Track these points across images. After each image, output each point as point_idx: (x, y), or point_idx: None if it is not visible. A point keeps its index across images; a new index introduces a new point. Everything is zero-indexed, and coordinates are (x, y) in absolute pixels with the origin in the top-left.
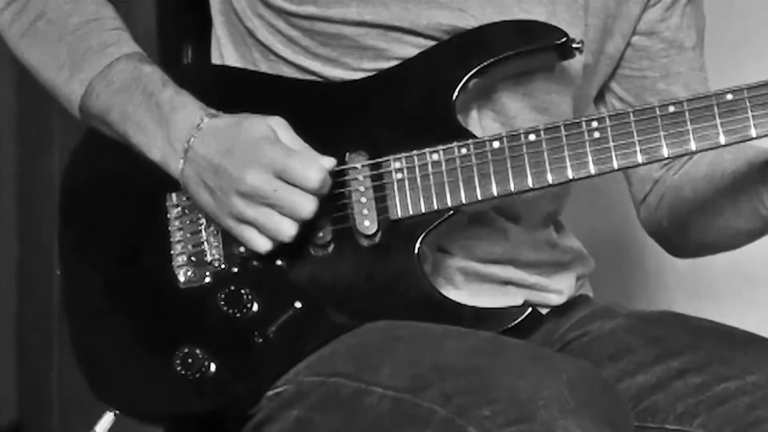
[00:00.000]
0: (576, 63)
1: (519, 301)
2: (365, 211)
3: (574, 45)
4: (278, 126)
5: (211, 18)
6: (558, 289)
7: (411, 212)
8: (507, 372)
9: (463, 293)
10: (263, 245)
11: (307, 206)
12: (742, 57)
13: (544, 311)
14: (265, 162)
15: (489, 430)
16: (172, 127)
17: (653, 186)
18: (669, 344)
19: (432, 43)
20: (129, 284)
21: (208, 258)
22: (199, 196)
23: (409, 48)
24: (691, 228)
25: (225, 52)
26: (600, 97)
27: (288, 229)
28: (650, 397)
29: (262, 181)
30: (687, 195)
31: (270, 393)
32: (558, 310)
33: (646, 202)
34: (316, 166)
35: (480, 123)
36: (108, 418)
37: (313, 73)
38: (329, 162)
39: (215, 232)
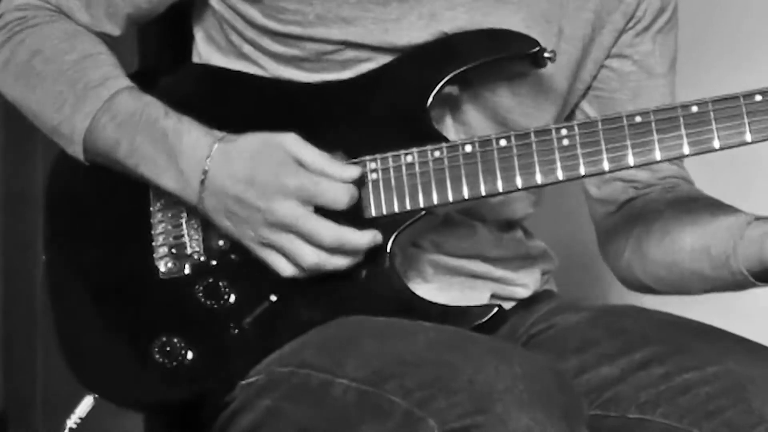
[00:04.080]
0: (550, 87)
1: (486, 294)
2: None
3: (545, 54)
4: (293, 145)
5: (192, 33)
6: (524, 282)
7: (384, 211)
8: (465, 365)
9: (433, 286)
10: (286, 270)
11: (328, 233)
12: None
13: (510, 304)
14: (290, 191)
15: (446, 421)
16: (181, 157)
17: (618, 208)
18: (632, 336)
19: None
20: (111, 274)
21: (189, 250)
22: (222, 223)
23: (390, 59)
24: (655, 263)
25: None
26: (569, 116)
27: (308, 256)
28: (613, 388)
29: (289, 210)
30: (658, 231)
31: (243, 382)
32: (524, 304)
33: (607, 223)
34: (342, 187)
35: (453, 131)
36: (87, 402)
37: (295, 82)
38: (354, 171)
39: (196, 226)
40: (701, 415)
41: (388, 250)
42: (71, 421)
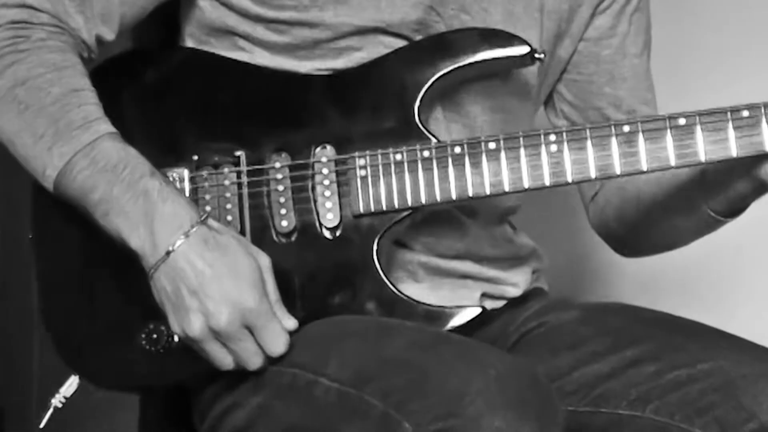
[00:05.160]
0: (532, 66)
1: (477, 293)
2: (328, 205)
3: (536, 55)
4: (267, 270)
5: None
6: (514, 282)
7: (372, 208)
8: (441, 368)
9: (424, 285)
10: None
11: (256, 364)
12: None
13: (501, 303)
14: (245, 312)
15: (421, 424)
16: (158, 220)
17: (601, 186)
18: (623, 334)
19: (402, 42)
20: (100, 262)
21: None
22: (161, 297)
23: (384, 49)
24: (637, 226)
25: None
26: (548, 100)
27: (228, 366)
28: (604, 384)
29: (234, 329)
30: (631, 195)
31: (235, 378)
32: (514, 302)
33: (595, 202)
34: (284, 338)
35: (444, 122)
36: (72, 382)
37: (289, 71)
38: (292, 324)
39: None
40: (692, 412)
41: (374, 248)
42: (56, 400)
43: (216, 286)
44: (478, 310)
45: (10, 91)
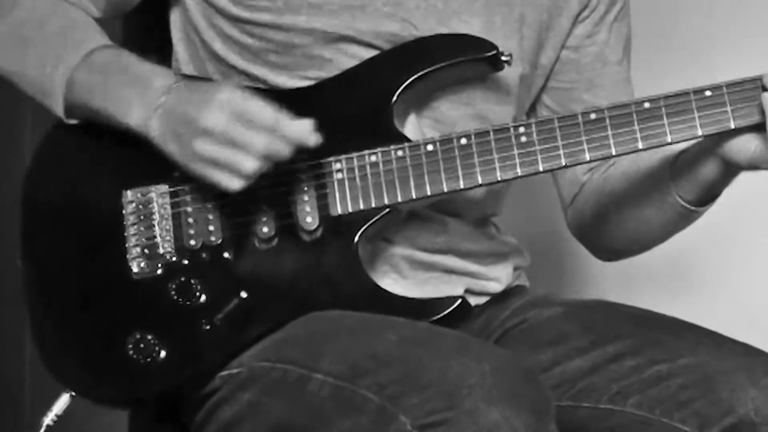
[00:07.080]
0: (513, 73)
1: (460, 289)
2: (307, 208)
3: (503, 58)
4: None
5: (171, 37)
6: (496, 276)
7: (350, 209)
8: (436, 362)
9: (408, 282)
10: (232, 183)
11: (261, 141)
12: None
13: (483, 299)
14: (222, 102)
15: (417, 417)
16: (148, 90)
17: (580, 189)
18: (604, 330)
19: (375, 53)
20: (86, 274)
21: (161, 251)
22: (168, 147)
23: (354, 60)
24: (612, 225)
25: (182, 67)
26: (531, 108)
27: (249, 164)
28: (586, 379)
29: (220, 119)
30: (607, 192)
31: (224, 373)
32: (497, 298)
33: (574, 205)
34: (271, 106)
35: (419, 129)
36: (64, 400)
37: (261, 80)
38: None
39: (168, 227)
40: (672, 406)
41: (355, 246)
42: (48, 419)
43: (192, 102)
44: (458, 300)
45: (14, 34)
